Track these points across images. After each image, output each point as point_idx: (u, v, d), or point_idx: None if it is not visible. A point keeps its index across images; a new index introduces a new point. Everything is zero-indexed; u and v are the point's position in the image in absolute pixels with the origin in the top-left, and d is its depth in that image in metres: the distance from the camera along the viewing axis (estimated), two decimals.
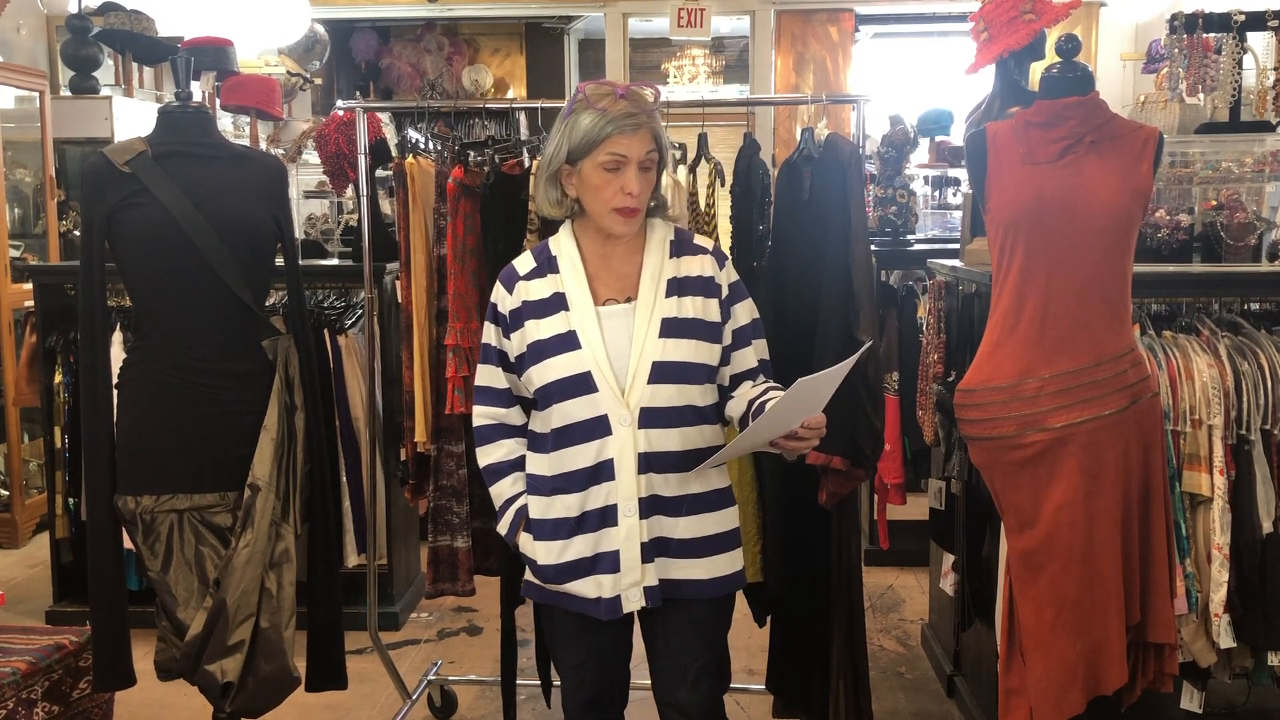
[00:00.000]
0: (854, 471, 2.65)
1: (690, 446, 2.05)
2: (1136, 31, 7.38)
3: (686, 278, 2.09)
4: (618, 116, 1.99)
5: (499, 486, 2.17)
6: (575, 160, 2.04)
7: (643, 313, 2.04)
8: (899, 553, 4.35)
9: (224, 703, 2.49)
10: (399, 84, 8.90)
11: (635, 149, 2.00)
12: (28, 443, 4.99)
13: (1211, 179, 3.48)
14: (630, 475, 2.01)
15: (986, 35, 3.04)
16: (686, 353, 2.04)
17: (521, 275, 2.12)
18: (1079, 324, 2.36)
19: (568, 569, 2.06)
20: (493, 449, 2.17)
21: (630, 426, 2.00)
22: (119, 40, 5.62)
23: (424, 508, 3.01)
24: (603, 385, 2.00)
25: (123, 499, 2.49)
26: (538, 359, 2.05)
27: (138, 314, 2.57)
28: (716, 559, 2.09)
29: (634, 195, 2.00)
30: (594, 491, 2.03)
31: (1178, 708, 2.84)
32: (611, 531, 2.02)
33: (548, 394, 2.05)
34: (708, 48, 9.19)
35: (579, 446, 2.03)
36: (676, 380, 2.03)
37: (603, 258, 2.10)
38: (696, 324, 2.06)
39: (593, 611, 2.06)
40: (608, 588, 2.03)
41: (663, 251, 2.10)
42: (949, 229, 5.16)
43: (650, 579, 2.03)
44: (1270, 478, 2.71)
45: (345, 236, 4.24)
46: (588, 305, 2.05)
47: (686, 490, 2.06)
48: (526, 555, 2.12)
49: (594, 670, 2.15)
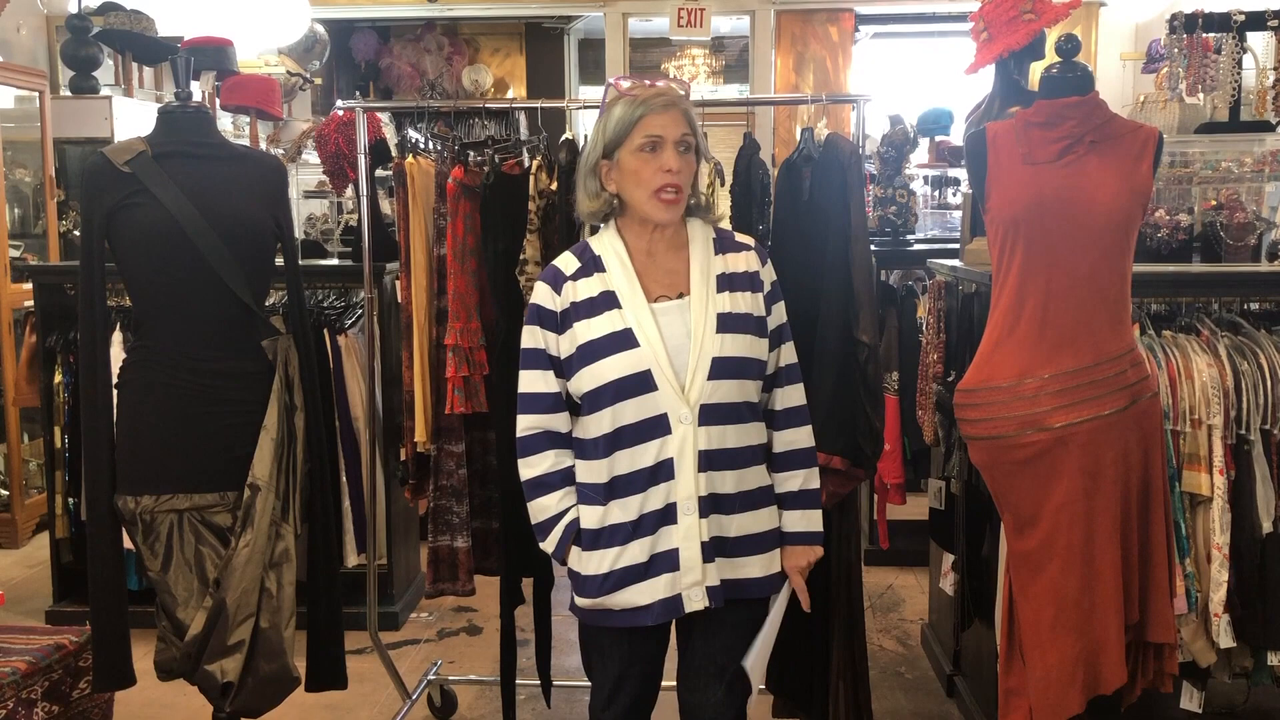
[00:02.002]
0: (854, 471, 2.65)
1: (746, 443, 2.04)
2: (1136, 31, 7.38)
3: (734, 273, 2.07)
4: (649, 98, 2.00)
5: (545, 500, 2.08)
6: (612, 151, 2.03)
7: (698, 308, 2.01)
8: (899, 553, 4.35)
9: (224, 703, 2.49)
10: (399, 84, 8.90)
11: (670, 128, 1.99)
12: (28, 443, 4.99)
13: (1211, 179, 3.48)
14: (690, 474, 1.97)
15: (986, 35, 3.04)
16: (743, 347, 2.02)
17: (569, 275, 2.07)
18: (1079, 324, 2.36)
19: (619, 577, 2.00)
20: (538, 460, 2.07)
21: (690, 424, 1.97)
22: (119, 40, 5.62)
23: (424, 508, 3.01)
24: (663, 383, 1.97)
25: (123, 499, 2.49)
26: (589, 360, 2.00)
27: (138, 314, 2.57)
28: (768, 556, 2.08)
29: (674, 172, 1.98)
30: (653, 492, 1.99)
31: (1177, 707, 2.84)
32: (670, 530, 1.98)
33: (601, 395, 1.99)
34: (708, 48, 9.19)
35: (638, 447, 1.98)
36: (735, 376, 2.01)
37: (648, 255, 2.07)
38: (748, 319, 2.04)
39: (643, 620, 2.01)
40: (665, 589, 1.99)
41: (707, 248, 2.08)
42: (949, 229, 5.16)
43: (712, 578, 2.00)
44: (1270, 477, 2.71)
45: (345, 236, 4.24)
46: (641, 302, 2.01)
47: (742, 487, 2.04)
48: (575, 571, 2.06)
49: (635, 681, 2.10)
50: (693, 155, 2.04)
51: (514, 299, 2.77)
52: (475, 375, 2.82)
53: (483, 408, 2.86)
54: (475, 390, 2.84)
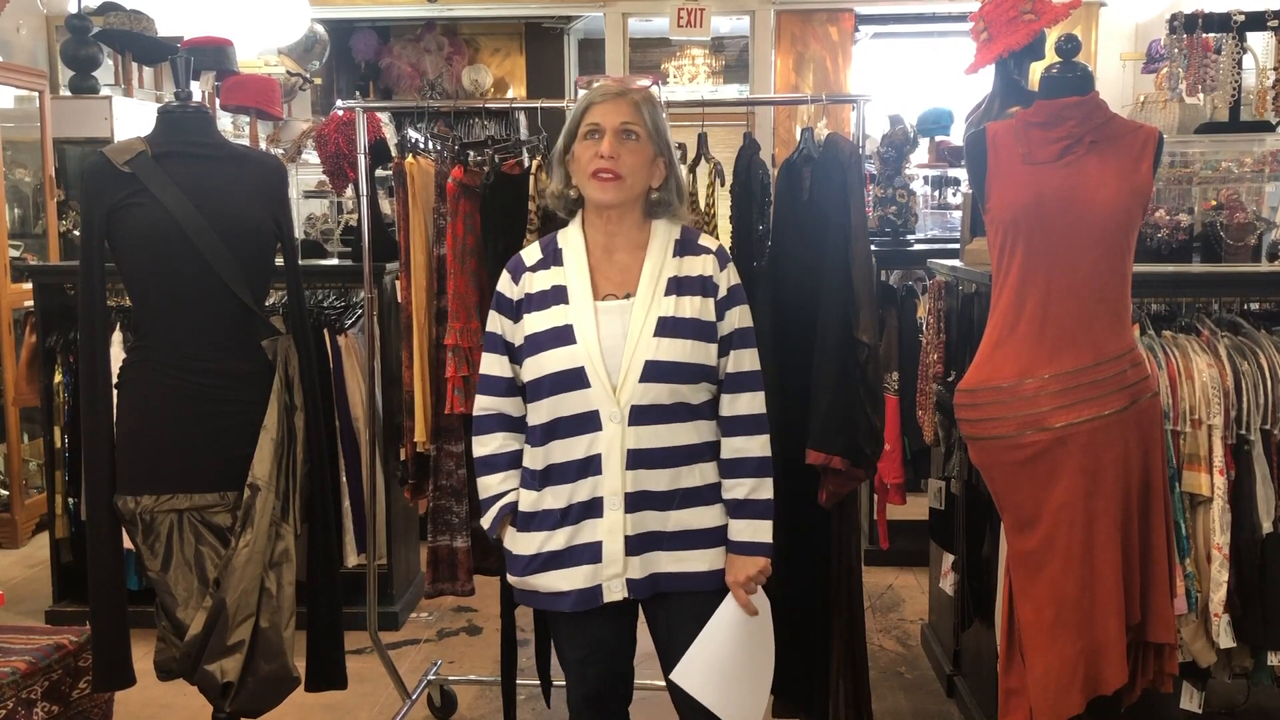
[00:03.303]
0: (854, 471, 2.65)
1: (681, 442, 2.07)
2: (1136, 31, 7.38)
3: (686, 277, 2.10)
4: (596, 91, 2.09)
5: (488, 480, 2.17)
6: (570, 145, 2.11)
7: (639, 310, 2.06)
8: (899, 553, 4.35)
9: (224, 703, 2.49)
10: (399, 84, 8.90)
11: (610, 117, 2.05)
12: (28, 443, 4.99)
13: (1211, 179, 3.47)
14: (617, 470, 2.03)
15: (986, 35, 3.04)
16: (680, 352, 2.04)
17: (528, 266, 2.16)
18: (1079, 324, 2.36)
19: (544, 561, 2.08)
20: (488, 440, 2.17)
21: (620, 423, 2.02)
22: (119, 40, 5.62)
23: (424, 508, 3.01)
24: (595, 381, 2.02)
25: (122, 499, 2.48)
26: (533, 351, 2.07)
27: (138, 314, 2.57)
28: (714, 551, 2.11)
29: (607, 157, 2.03)
30: (581, 485, 2.05)
31: (1177, 708, 2.84)
32: (594, 523, 2.05)
33: (540, 386, 2.07)
34: (708, 48, 9.19)
35: (570, 440, 2.05)
36: (668, 379, 2.04)
37: (606, 250, 2.12)
38: (693, 324, 2.07)
39: (560, 605, 2.08)
40: (585, 579, 2.06)
41: (666, 250, 2.12)
42: (949, 229, 5.15)
43: (634, 571, 2.05)
44: (1270, 478, 2.71)
45: (345, 236, 4.24)
46: (586, 300, 2.07)
47: (679, 485, 2.07)
48: (507, 550, 2.14)
49: (596, 665, 2.16)
50: (643, 145, 2.07)
51: None
52: (475, 375, 2.82)
53: None
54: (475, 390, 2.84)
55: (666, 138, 2.12)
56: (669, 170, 2.13)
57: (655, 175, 2.11)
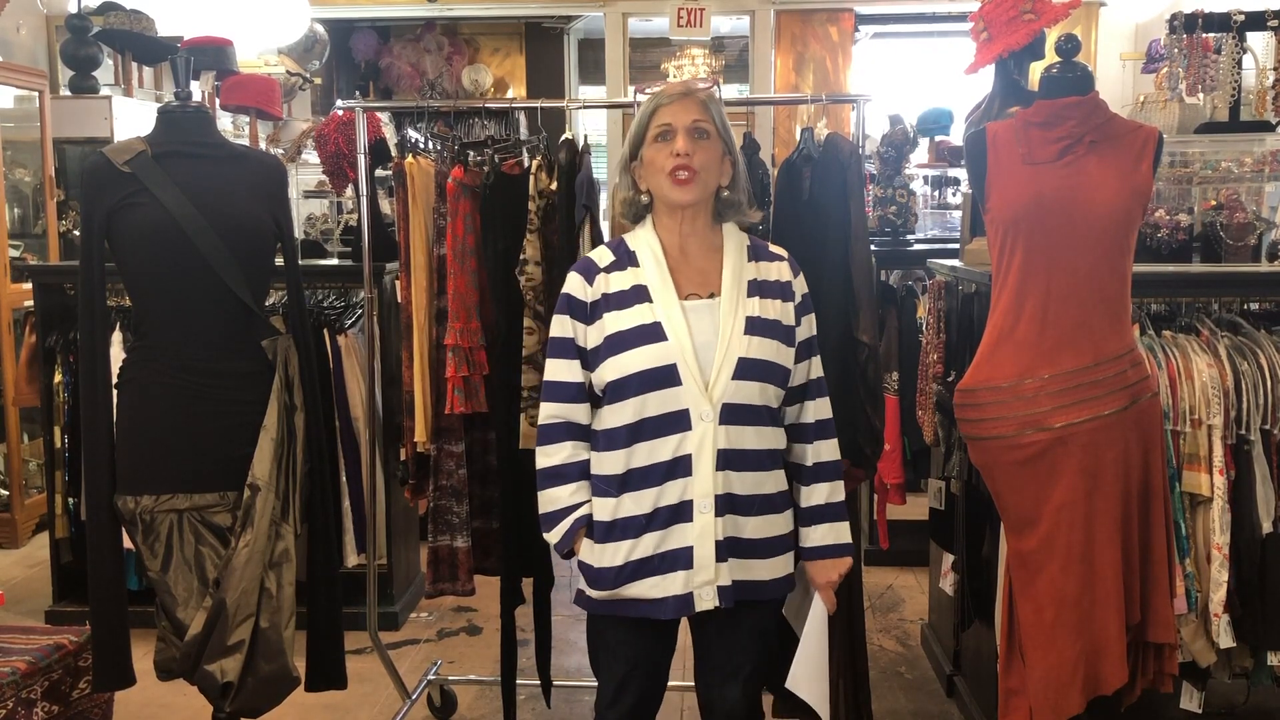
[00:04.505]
0: (854, 471, 2.65)
1: (765, 446, 2.05)
2: (1136, 31, 7.38)
3: (766, 280, 2.10)
4: (663, 93, 2.07)
5: (556, 492, 2.09)
6: (637, 151, 2.09)
7: (727, 308, 2.04)
8: (899, 553, 4.34)
9: (224, 703, 2.49)
10: (399, 84, 8.90)
11: (681, 116, 2.04)
12: (28, 443, 4.99)
13: (1211, 179, 3.47)
14: (708, 471, 1.98)
15: (986, 35, 3.04)
16: (769, 352, 2.04)
17: (602, 267, 2.10)
18: (1078, 324, 2.36)
19: (634, 569, 2.02)
20: (555, 450, 2.09)
21: (711, 422, 1.98)
22: (119, 40, 5.62)
23: (424, 508, 3.01)
24: (687, 378, 1.98)
25: (122, 499, 2.48)
26: (616, 350, 2.02)
27: (138, 314, 2.57)
28: (778, 560, 2.09)
29: (683, 154, 2.01)
30: (669, 487, 2.00)
31: (1177, 707, 2.84)
32: (684, 528, 1.99)
33: (625, 386, 2.01)
34: (707, 48, 9.18)
35: (657, 441, 2.00)
36: (759, 378, 2.02)
37: (681, 252, 2.10)
38: (777, 326, 2.06)
39: (658, 613, 2.02)
40: (678, 585, 2.00)
41: (741, 254, 2.11)
42: (949, 229, 5.16)
43: (724, 578, 2.00)
44: (1270, 477, 2.71)
45: (345, 236, 4.24)
46: (672, 298, 2.04)
47: (760, 490, 2.05)
48: (585, 563, 2.07)
49: (640, 678, 2.11)
50: (713, 142, 2.07)
51: (514, 299, 2.77)
52: (475, 375, 2.83)
53: (482, 408, 2.86)
54: (475, 390, 2.84)
55: (732, 136, 2.12)
56: (735, 169, 2.13)
57: (725, 173, 2.11)
